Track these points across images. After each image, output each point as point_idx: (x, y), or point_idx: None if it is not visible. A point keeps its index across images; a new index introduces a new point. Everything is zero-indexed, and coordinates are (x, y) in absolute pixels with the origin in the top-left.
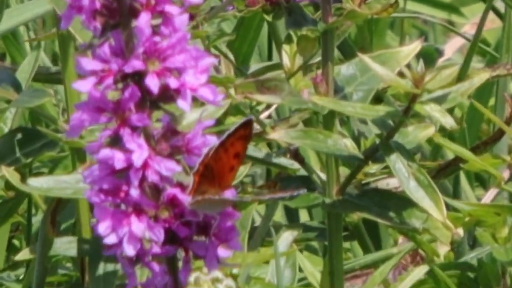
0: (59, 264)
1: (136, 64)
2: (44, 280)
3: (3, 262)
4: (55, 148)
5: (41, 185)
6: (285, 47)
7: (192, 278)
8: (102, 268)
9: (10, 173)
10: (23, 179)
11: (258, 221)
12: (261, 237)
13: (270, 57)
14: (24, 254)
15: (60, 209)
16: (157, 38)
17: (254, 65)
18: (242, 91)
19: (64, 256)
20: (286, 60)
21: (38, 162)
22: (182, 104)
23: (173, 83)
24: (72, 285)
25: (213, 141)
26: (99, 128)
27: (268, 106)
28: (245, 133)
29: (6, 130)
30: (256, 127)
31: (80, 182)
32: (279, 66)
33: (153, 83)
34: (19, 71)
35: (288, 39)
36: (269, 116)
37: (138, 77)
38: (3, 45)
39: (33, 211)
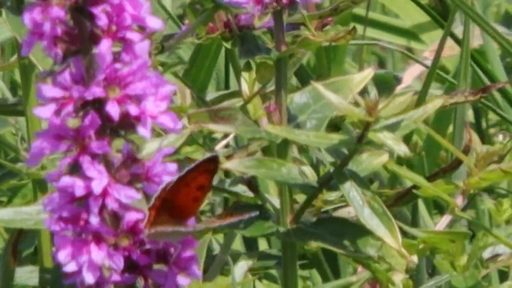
0: None
1: (96, 91)
2: None
3: None
4: (16, 178)
5: (2, 216)
6: (244, 74)
7: None
8: None
9: None
10: None
11: (217, 250)
12: (220, 266)
13: (227, 84)
14: None
15: (21, 239)
16: (117, 65)
17: (211, 93)
18: (196, 120)
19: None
20: (245, 88)
21: None
22: (143, 131)
23: (133, 110)
24: None
25: (173, 168)
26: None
27: (226, 135)
28: (209, 167)
29: None
30: None
31: (41, 213)
32: (236, 94)
33: (113, 110)
34: None
35: (247, 66)
36: (227, 145)
37: (98, 104)
38: None
39: None
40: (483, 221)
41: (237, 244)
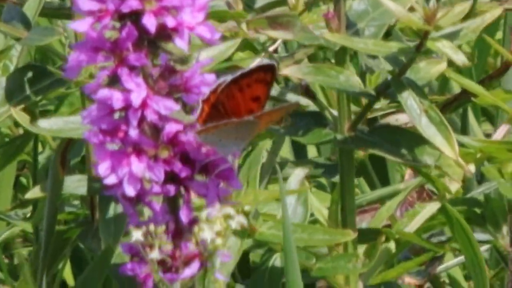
0: (65, 201)
1: (133, 3)
2: (55, 218)
3: (11, 200)
4: (64, 86)
5: (50, 126)
6: None
7: (204, 214)
8: (113, 206)
9: (19, 115)
10: (32, 118)
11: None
12: (267, 172)
13: None
14: (34, 193)
15: (70, 148)
16: None
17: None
18: (254, 26)
19: (71, 194)
20: None
21: (45, 100)
22: (180, 43)
23: (170, 22)
24: (82, 223)
25: (212, 79)
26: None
27: (274, 41)
28: (265, 77)
29: (12, 68)
30: None
31: None
32: (285, 1)
33: (150, 22)
34: (26, 7)
35: None
36: (275, 51)
37: (135, 16)
38: None
39: (39, 148)
40: None
41: (285, 151)
